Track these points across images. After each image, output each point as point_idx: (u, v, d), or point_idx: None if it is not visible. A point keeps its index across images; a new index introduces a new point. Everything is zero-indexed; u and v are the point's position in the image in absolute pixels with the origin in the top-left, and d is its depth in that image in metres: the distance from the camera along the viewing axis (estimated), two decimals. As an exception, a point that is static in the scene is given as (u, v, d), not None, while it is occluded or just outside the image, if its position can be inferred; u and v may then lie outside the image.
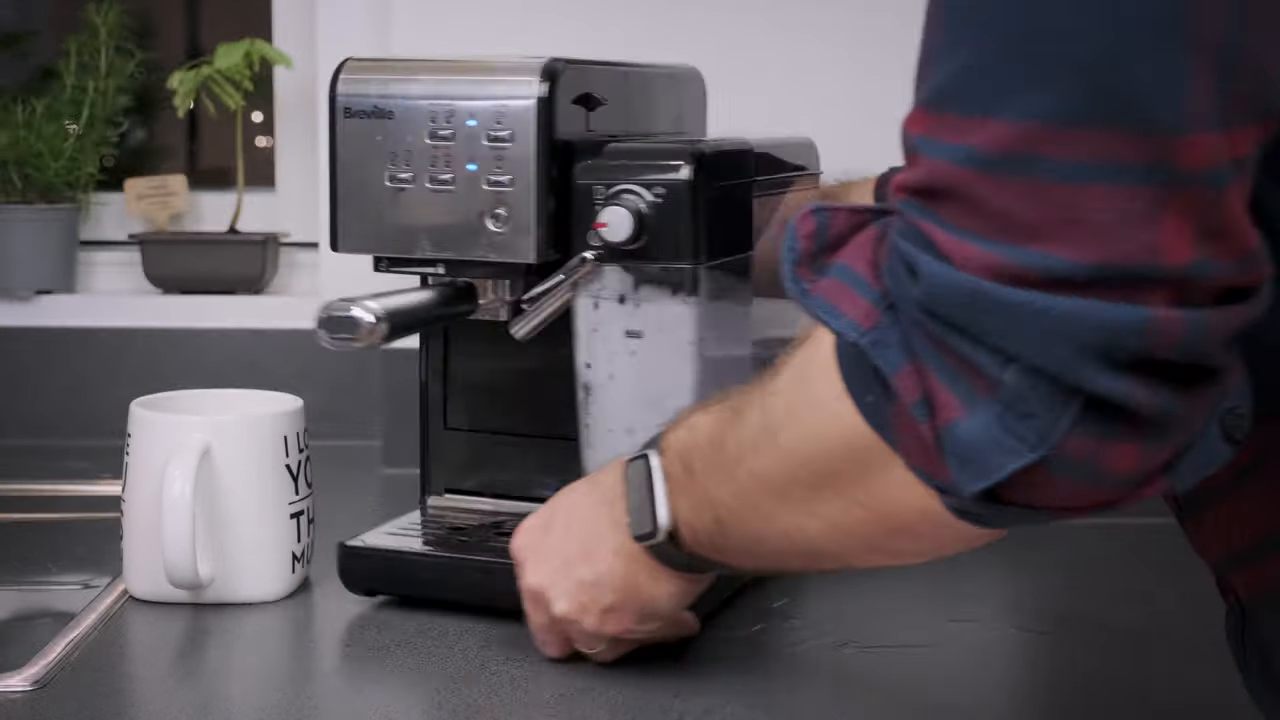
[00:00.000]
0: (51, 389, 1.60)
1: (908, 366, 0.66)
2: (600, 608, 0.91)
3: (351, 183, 1.05)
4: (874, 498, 0.71)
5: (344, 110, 1.05)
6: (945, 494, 0.67)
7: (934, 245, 0.64)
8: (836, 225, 0.72)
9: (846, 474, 0.71)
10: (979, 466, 0.64)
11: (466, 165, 1.02)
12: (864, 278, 0.69)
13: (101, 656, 0.98)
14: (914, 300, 0.65)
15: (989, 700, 0.93)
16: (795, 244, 0.73)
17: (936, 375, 0.65)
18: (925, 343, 0.65)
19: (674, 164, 1.02)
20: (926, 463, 0.67)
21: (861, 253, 0.70)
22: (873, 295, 0.68)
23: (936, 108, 0.64)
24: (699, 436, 0.84)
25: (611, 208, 1.00)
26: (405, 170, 1.03)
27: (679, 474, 0.85)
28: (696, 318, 1.02)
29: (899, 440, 0.68)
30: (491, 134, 1.01)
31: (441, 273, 1.06)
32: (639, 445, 1.02)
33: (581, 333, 1.04)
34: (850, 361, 0.69)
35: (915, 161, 0.66)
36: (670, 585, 0.90)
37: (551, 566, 0.92)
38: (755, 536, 0.80)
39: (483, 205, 1.02)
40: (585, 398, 1.05)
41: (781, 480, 0.76)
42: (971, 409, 0.64)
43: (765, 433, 0.76)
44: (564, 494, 0.96)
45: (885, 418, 0.68)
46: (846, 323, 0.69)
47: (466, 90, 1.02)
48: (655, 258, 1.02)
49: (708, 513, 0.83)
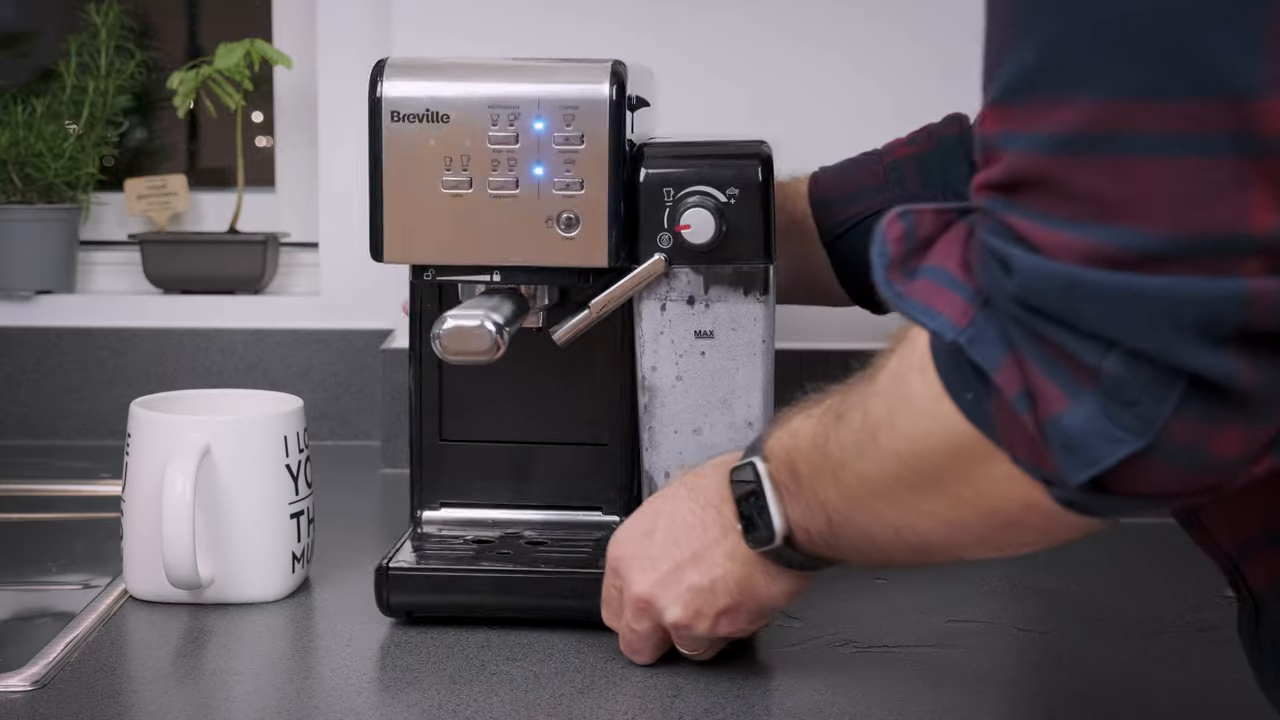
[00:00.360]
0: (51, 389, 1.60)
1: (1008, 359, 0.66)
2: (715, 611, 0.91)
3: (398, 189, 1.01)
4: (979, 494, 0.71)
5: (391, 114, 1.01)
6: (1051, 485, 0.67)
7: (1024, 238, 0.64)
8: (924, 226, 0.72)
9: (950, 471, 0.71)
10: (1084, 456, 0.64)
11: (532, 168, 1.00)
12: (957, 276, 0.69)
13: (101, 656, 0.98)
14: (1009, 295, 0.65)
15: (989, 700, 0.93)
16: (885, 248, 0.73)
17: (1037, 367, 0.65)
18: (1023, 336, 0.65)
19: (746, 164, 1.02)
20: (1032, 455, 0.66)
21: (952, 251, 0.70)
22: (967, 293, 0.68)
23: (1010, 101, 0.65)
24: (801, 441, 0.84)
25: (694, 209, 1.01)
26: (462, 174, 1.00)
27: (787, 480, 0.85)
28: (768, 316, 1.03)
29: (1002, 434, 0.67)
30: (561, 136, 1.00)
31: (497, 280, 1.03)
32: (706, 445, 1.03)
33: (647, 336, 1.04)
34: (947, 360, 0.69)
35: (994, 159, 0.66)
36: (787, 584, 0.90)
37: (659, 574, 0.92)
38: (867, 536, 0.80)
39: (549, 209, 1.00)
40: (649, 401, 1.05)
41: (886, 481, 0.76)
42: (1074, 399, 0.64)
43: (867, 435, 0.76)
44: (660, 500, 0.95)
45: (987, 413, 0.68)
46: (943, 322, 0.69)
47: (532, 91, 1.00)
48: (730, 258, 1.02)
49: (819, 515, 0.83)
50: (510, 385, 1.13)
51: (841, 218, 1.19)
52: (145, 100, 1.78)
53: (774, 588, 0.90)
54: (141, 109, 1.79)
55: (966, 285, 0.68)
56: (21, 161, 1.63)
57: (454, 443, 1.13)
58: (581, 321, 1.04)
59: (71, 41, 1.66)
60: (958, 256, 0.70)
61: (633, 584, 0.93)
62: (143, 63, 1.68)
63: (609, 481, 1.13)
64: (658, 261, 1.02)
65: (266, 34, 1.69)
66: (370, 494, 1.43)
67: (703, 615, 0.91)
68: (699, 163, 1.03)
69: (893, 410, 0.74)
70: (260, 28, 1.70)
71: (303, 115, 1.69)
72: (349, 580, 1.13)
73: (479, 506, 1.13)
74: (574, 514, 1.13)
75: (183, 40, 1.86)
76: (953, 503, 0.73)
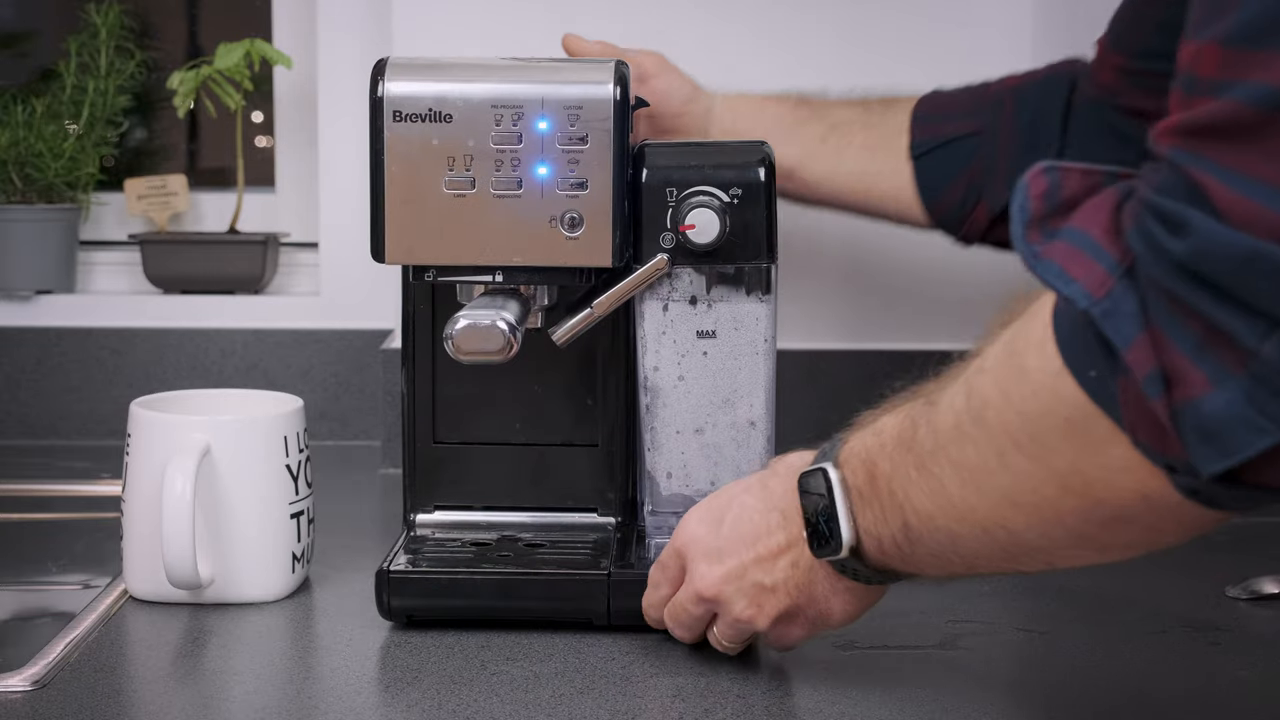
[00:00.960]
0: (51, 389, 1.60)
1: (1142, 337, 0.63)
2: (777, 611, 0.90)
3: (400, 189, 1.01)
4: (1089, 481, 0.68)
5: (393, 114, 1.00)
6: (1176, 473, 0.64)
7: (1208, 199, 0.60)
8: (1070, 186, 0.69)
9: (1062, 453, 0.68)
10: (1222, 444, 0.61)
11: (536, 168, 1.00)
12: (1100, 242, 0.65)
13: (101, 656, 0.98)
14: (1172, 259, 0.61)
15: (989, 701, 0.93)
16: (1027, 203, 0.69)
17: (1179, 347, 0.62)
18: (1171, 310, 0.62)
19: (749, 164, 1.03)
20: (1158, 440, 0.63)
21: (1097, 217, 0.66)
22: (1108, 261, 0.64)
23: (1241, 43, 0.59)
24: (885, 439, 0.81)
25: (699, 209, 1.01)
26: (464, 174, 1.00)
27: (862, 484, 0.83)
28: (770, 316, 1.04)
29: (1125, 416, 0.64)
30: (566, 136, 1.00)
31: (499, 281, 1.03)
32: (708, 445, 1.03)
33: (649, 336, 1.05)
34: (1071, 333, 0.66)
35: (1195, 103, 0.61)
36: (847, 597, 0.88)
37: (725, 569, 0.91)
38: (949, 537, 0.77)
39: (553, 209, 1.00)
40: (651, 401, 1.05)
41: (987, 465, 0.72)
42: (1218, 383, 0.61)
43: (969, 415, 0.73)
44: (736, 488, 0.94)
45: (1111, 393, 0.64)
46: (1078, 289, 0.65)
47: (536, 91, 1.00)
48: (733, 258, 1.03)
49: (895, 519, 0.81)
50: (504, 387, 1.12)
51: (931, 134, 1.19)
52: (145, 100, 1.78)
53: (834, 600, 0.89)
54: (141, 109, 1.79)
55: (1109, 252, 0.64)
56: (21, 161, 1.63)
57: (447, 445, 1.13)
58: (582, 321, 1.04)
59: (71, 41, 1.66)
60: (1103, 222, 0.66)
61: (698, 575, 0.92)
62: (143, 63, 1.68)
63: (604, 483, 1.13)
64: (661, 261, 1.03)
65: (266, 34, 1.69)
66: (370, 494, 1.43)
67: (763, 613, 0.90)
68: (701, 163, 1.03)
69: (1005, 386, 0.70)
70: (260, 28, 1.71)
71: (303, 115, 1.70)
72: (349, 580, 1.13)
73: (473, 509, 1.13)
74: (569, 516, 1.13)
75: (183, 40, 1.86)
76: (1058, 492, 0.69)
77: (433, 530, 1.11)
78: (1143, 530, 0.70)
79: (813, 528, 0.86)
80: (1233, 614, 1.08)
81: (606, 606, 1.01)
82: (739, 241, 1.03)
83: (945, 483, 0.76)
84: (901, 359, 1.49)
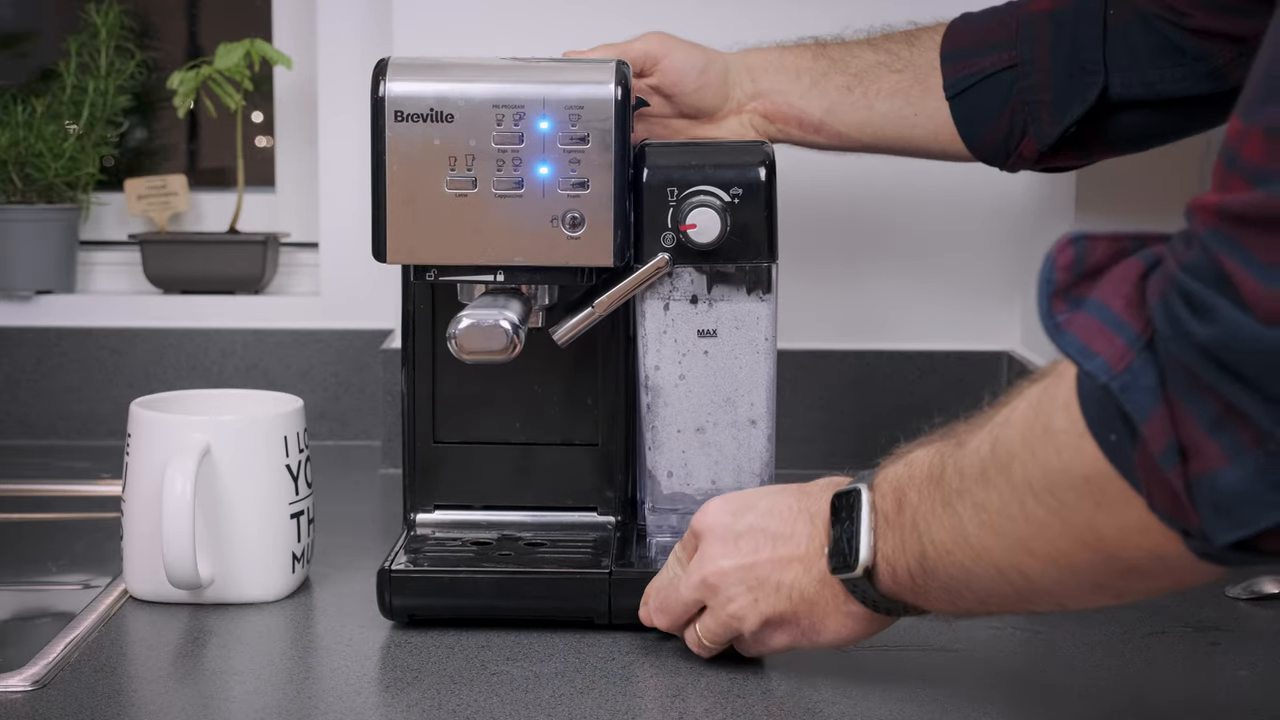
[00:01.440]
0: (51, 389, 1.60)
1: (1160, 410, 0.64)
2: (768, 613, 0.90)
3: (401, 189, 1.00)
4: (1105, 538, 0.69)
5: (394, 113, 1.00)
6: (1191, 538, 0.65)
7: (1237, 289, 0.60)
8: (1095, 255, 0.69)
9: (1079, 510, 0.69)
10: (1236, 517, 0.62)
11: (537, 168, 1.00)
12: (1120, 315, 0.66)
13: (101, 656, 0.98)
14: (1196, 343, 0.61)
15: (989, 700, 0.93)
16: (1052, 275, 0.70)
17: (1197, 422, 0.62)
18: (1190, 387, 0.62)
19: (749, 163, 1.03)
20: (1174, 508, 0.65)
21: (1119, 289, 0.67)
22: (1128, 334, 0.65)
23: None
24: (916, 470, 0.82)
25: (700, 209, 1.01)
26: (466, 174, 1.00)
27: (889, 509, 0.83)
28: (771, 315, 1.04)
29: (1143, 481, 0.65)
30: (568, 136, 1.00)
31: (500, 280, 1.03)
32: (709, 444, 1.03)
33: (650, 335, 1.05)
34: (1094, 399, 0.67)
35: (1234, 184, 0.61)
36: (846, 620, 0.88)
37: (738, 561, 0.90)
38: (964, 575, 0.78)
39: (554, 209, 1.00)
40: (653, 400, 1.05)
41: (1008, 513, 0.74)
42: (1234, 459, 0.61)
43: (995, 464, 0.74)
44: (765, 490, 0.94)
45: (1128, 457, 0.66)
46: (1099, 364, 0.66)
47: (537, 91, 1.00)
48: (734, 257, 1.03)
49: (914, 549, 0.81)
50: (503, 387, 1.12)
51: (966, 72, 1.16)
52: (145, 100, 1.78)
53: (831, 619, 0.89)
54: (141, 109, 1.79)
55: (1129, 325, 0.65)
56: (21, 161, 1.63)
57: (447, 445, 1.13)
58: (582, 321, 1.04)
59: (71, 41, 1.66)
60: (1126, 293, 0.66)
61: (708, 556, 0.92)
62: (143, 63, 1.68)
63: (603, 482, 1.13)
64: (662, 260, 1.03)
65: (266, 34, 1.69)
66: (370, 494, 1.43)
67: (757, 609, 0.90)
68: (702, 162, 1.03)
69: (1030, 442, 0.71)
70: (260, 28, 1.71)
71: (303, 115, 1.70)
72: (349, 580, 1.13)
73: (473, 509, 1.13)
74: (569, 515, 1.13)
75: (183, 40, 1.86)
76: (1074, 545, 0.71)
77: (433, 530, 1.11)
78: (1157, 581, 0.71)
79: (834, 540, 0.86)
80: (1233, 614, 1.08)
81: (608, 605, 1.01)
82: (740, 241, 1.03)
83: (965, 521, 0.77)
84: (901, 359, 1.50)
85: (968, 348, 1.50)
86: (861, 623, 0.88)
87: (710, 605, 0.93)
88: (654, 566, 1.02)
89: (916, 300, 1.50)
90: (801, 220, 1.46)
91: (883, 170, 1.47)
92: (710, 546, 0.92)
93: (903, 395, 1.49)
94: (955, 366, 1.49)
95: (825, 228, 1.47)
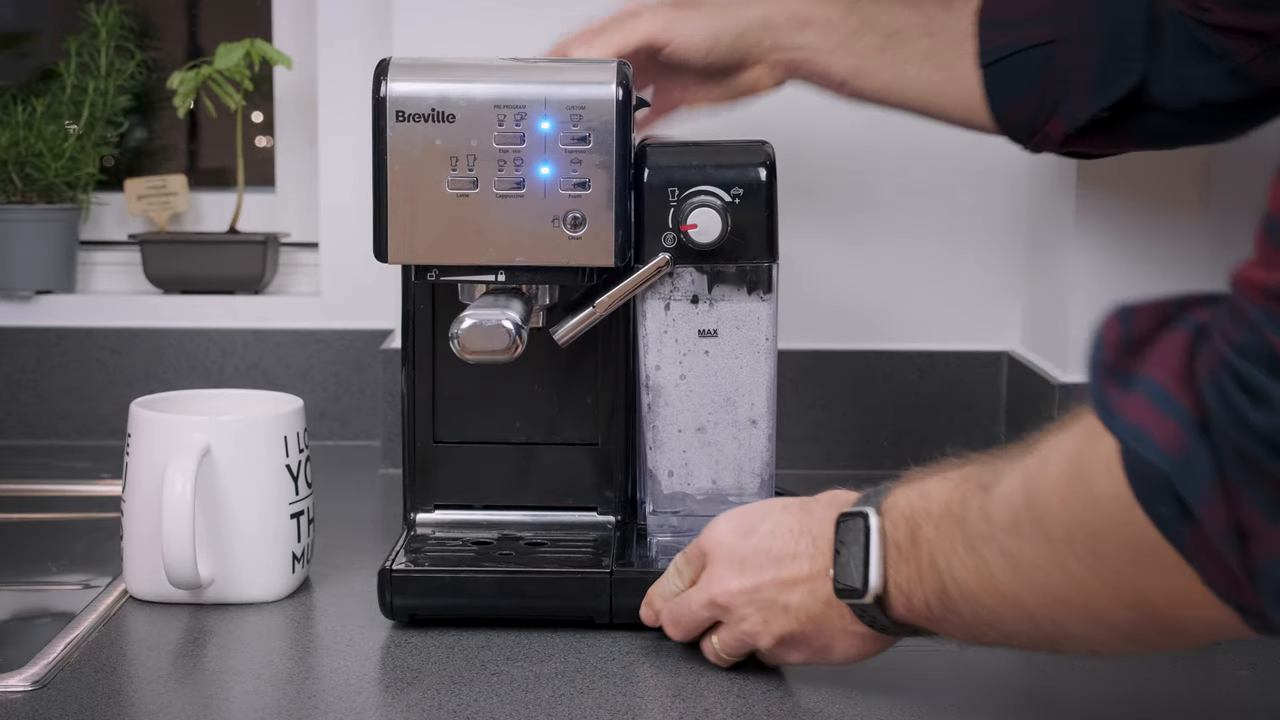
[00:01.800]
0: (51, 389, 1.60)
1: (1216, 494, 0.62)
2: (780, 633, 0.90)
3: (402, 189, 1.00)
4: (1150, 600, 0.67)
5: (396, 114, 1.00)
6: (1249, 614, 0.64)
7: None
8: (1140, 325, 0.68)
9: (1123, 573, 0.68)
10: None
11: (539, 168, 1.00)
12: (1171, 394, 0.64)
13: (101, 656, 0.98)
14: (1252, 429, 0.60)
15: (989, 700, 0.93)
16: (1102, 353, 0.68)
17: (1259, 508, 0.61)
18: (1248, 471, 0.61)
19: (750, 163, 1.03)
20: (1232, 588, 0.63)
21: (1167, 363, 0.65)
22: (1179, 413, 0.63)
23: None
24: (933, 504, 0.81)
25: (701, 209, 1.01)
26: (467, 174, 1.00)
27: (902, 540, 0.82)
28: (771, 315, 1.04)
29: (1195, 558, 0.64)
30: (569, 136, 1.00)
31: (502, 280, 1.02)
32: (710, 444, 1.03)
33: (650, 335, 1.05)
34: (1143, 475, 0.65)
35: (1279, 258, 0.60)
36: (855, 640, 0.88)
37: (744, 582, 0.91)
38: (992, 615, 0.77)
39: (556, 209, 1.00)
40: (653, 400, 1.06)
41: (1042, 565, 0.72)
42: None
43: (1029, 517, 0.72)
44: (768, 507, 0.93)
45: (1181, 533, 0.64)
46: (1154, 449, 0.64)
47: (539, 92, 1.00)
48: (735, 257, 1.03)
49: (933, 584, 0.80)
50: (503, 386, 1.12)
51: (1004, 40, 1.12)
52: (145, 100, 1.78)
53: (840, 640, 0.88)
54: (141, 109, 1.79)
55: (1180, 403, 0.63)
56: (21, 161, 1.63)
57: (447, 444, 1.13)
58: (583, 321, 1.04)
59: (71, 41, 1.66)
60: (1174, 368, 0.64)
61: (716, 579, 0.92)
62: (143, 63, 1.68)
63: (603, 482, 1.13)
64: (663, 260, 1.03)
65: (266, 34, 1.69)
66: (370, 494, 1.43)
67: (769, 630, 0.90)
68: (703, 162, 1.03)
69: (1070, 503, 0.69)
70: (260, 28, 1.70)
71: (303, 115, 1.70)
72: (349, 581, 1.13)
73: (473, 508, 1.13)
74: (568, 515, 1.13)
75: (183, 40, 1.86)
76: (1115, 604, 0.69)
77: (433, 529, 1.11)
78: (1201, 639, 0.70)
79: (841, 566, 0.85)
80: (1233, 614, 1.08)
81: (609, 605, 1.01)
82: (740, 241, 1.03)
83: (993, 568, 0.75)
84: (901, 359, 1.50)
85: (968, 348, 1.50)
86: (869, 642, 0.88)
87: (724, 622, 0.93)
88: (654, 566, 1.02)
89: (916, 300, 1.50)
90: (802, 220, 1.46)
91: (884, 170, 1.47)
92: (717, 568, 0.92)
93: (903, 395, 1.49)
94: (955, 366, 1.49)
95: (826, 228, 1.47)
